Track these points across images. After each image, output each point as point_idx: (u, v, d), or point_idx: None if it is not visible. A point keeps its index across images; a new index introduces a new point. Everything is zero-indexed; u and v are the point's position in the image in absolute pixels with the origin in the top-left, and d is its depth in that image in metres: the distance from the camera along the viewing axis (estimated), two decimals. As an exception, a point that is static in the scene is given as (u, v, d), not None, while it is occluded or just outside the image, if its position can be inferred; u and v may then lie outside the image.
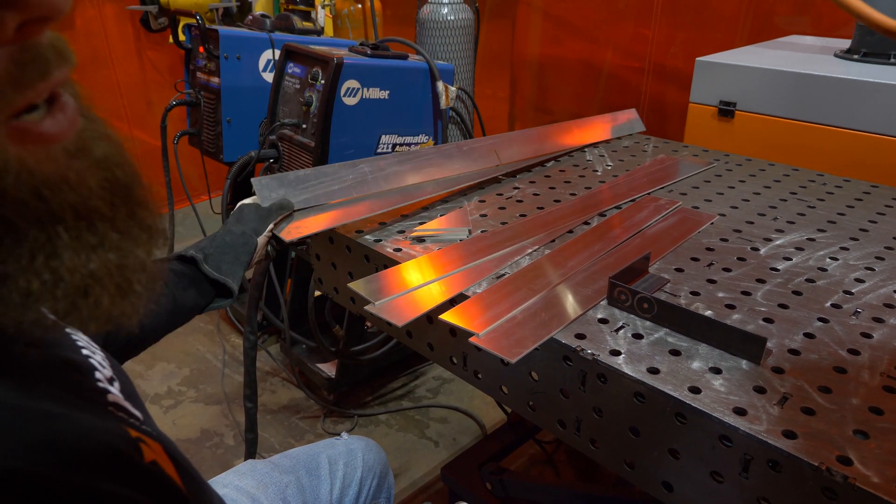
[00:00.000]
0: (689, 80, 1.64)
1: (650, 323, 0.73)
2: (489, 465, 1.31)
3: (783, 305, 0.77)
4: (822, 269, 0.86)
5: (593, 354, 0.67)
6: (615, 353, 0.68)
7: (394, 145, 1.69)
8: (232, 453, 1.82)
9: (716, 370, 0.65)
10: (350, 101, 1.56)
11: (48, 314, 0.36)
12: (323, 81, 1.53)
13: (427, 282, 0.81)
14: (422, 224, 1.00)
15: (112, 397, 0.46)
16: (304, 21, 2.24)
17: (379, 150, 1.66)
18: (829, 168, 1.26)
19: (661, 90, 2.51)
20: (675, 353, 0.68)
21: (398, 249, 0.92)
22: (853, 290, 0.81)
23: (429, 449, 1.83)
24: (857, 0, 0.57)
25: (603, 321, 0.74)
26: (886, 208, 1.07)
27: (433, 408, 1.98)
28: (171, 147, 1.98)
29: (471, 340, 0.69)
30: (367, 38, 2.31)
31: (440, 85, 1.67)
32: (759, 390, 0.62)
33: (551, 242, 0.94)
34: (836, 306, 0.77)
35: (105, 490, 0.35)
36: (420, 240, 0.95)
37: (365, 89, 1.57)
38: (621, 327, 0.72)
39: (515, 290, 0.79)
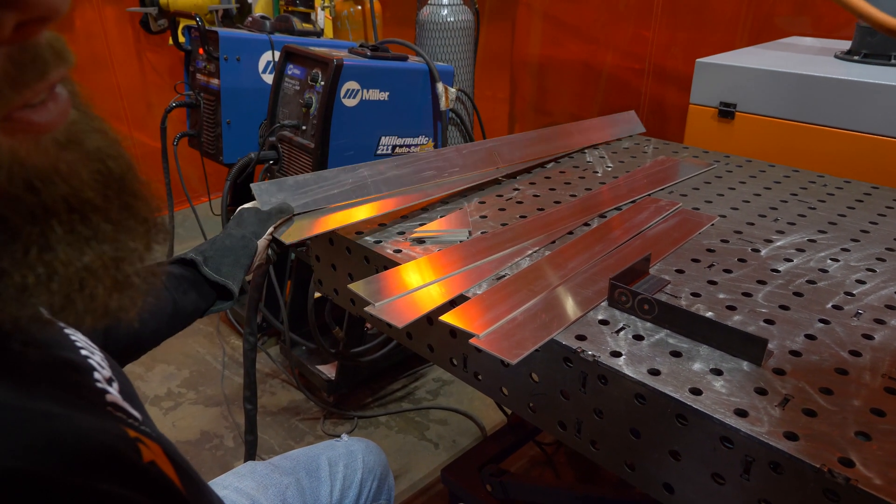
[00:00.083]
0: (689, 82, 1.64)
1: (651, 324, 0.73)
2: (489, 466, 1.30)
3: (784, 307, 0.77)
4: (823, 271, 0.86)
5: (594, 356, 0.67)
6: (616, 354, 0.67)
7: (394, 147, 1.69)
8: (232, 455, 1.82)
9: (717, 371, 0.65)
10: (350, 102, 1.56)
11: (44, 311, 0.35)
12: (323, 83, 1.53)
13: (427, 283, 0.81)
14: (422, 225, 1.00)
15: (111, 397, 0.46)
16: (304, 23, 2.24)
17: (379, 152, 1.66)
18: (830, 169, 1.26)
19: (661, 91, 2.51)
20: (676, 354, 0.68)
21: (398, 251, 0.92)
22: (854, 292, 0.81)
23: (429, 451, 1.82)
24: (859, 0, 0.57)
25: (603, 322, 0.74)
26: (887, 209, 1.07)
27: (433, 409, 1.98)
28: (170, 149, 1.98)
29: (471, 342, 0.69)
30: (367, 40, 2.30)
31: (440, 86, 1.67)
32: (761, 392, 0.62)
33: (551, 244, 0.93)
34: (838, 307, 0.77)
35: (104, 490, 0.35)
36: (420, 241, 0.95)
37: (365, 91, 1.57)
38: (622, 328, 0.72)
39: (516, 292, 0.78)
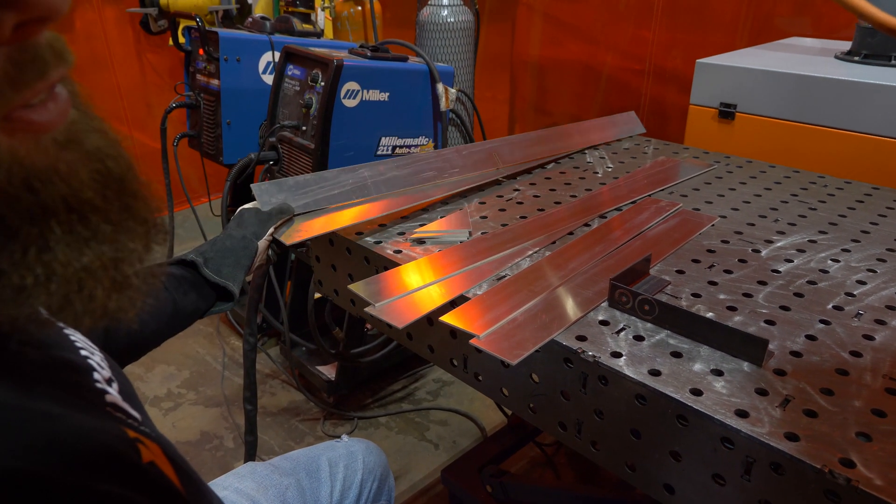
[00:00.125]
0: (690, 82, 1.64)
1: (651, 325, 0.73)
2: (489, 467, 1.30)
3: (785, 307, 0.77)
4: (824, 271, 0.86)
5: (594, 356, 0.67)
6: (616, 354, 0.67)
7: (394, 147, 1.69)
8: (231, 456, 1.81)
9: (717, 372, 0.65)
10: (350, 102, 1.56)
11: (42, 311, 0.35)
12: (323, 83, 1.53)
13: (427, 284, 0.81)
14: (422, 226, 1.00)
15: (110, 398, 0.46)
16: (304, 23, 2.24)
17: (379, 152, 1.66)
18: (830, 170, 1.26)
19: (662, 92, 2.51)
20: (677, 355, 0.68)
21: (398, 251, 0.92)
22: (855, 292, 0.81)
23: (429, 451, 1.82)
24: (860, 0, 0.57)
25: (604, 323, 0.73)
26: (888, 210, 1.07)
27: (433, 410, 1.98)
28: (170, 149, 1.98)
29: (471, 342, 0.69)
30: (367, 41, 2.31)
31: (440, 87, 1.67)
32: (761, 392, 0.62)
33: (552, 244, 0.93)
34: (838, 308, 0.77)
35: (103, 490, 0.35)
36: (420, 241, 0.95)
37: (365, 91, 1.57)
38: (622, 329, 0.72)
39: (516, 292, 0.78)
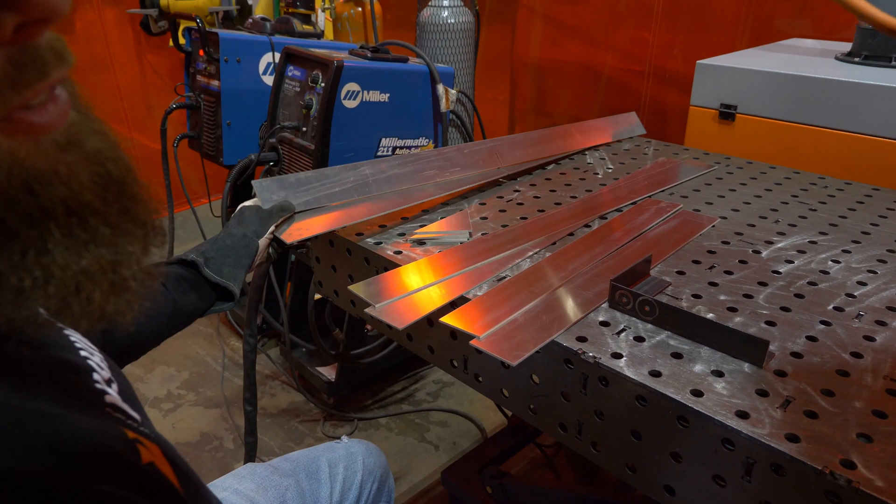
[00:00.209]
0: (690, 84, 1.64)
1: (652, 326, 0.73)
2: (489, 468, 1.30)
3: (785, 308, 0.77)
4: (824, 272, 0.86)
5: (595, 357, 0.67)
6: (616, 355, 0.67)
7: (394, 148, 1.69)
8: (231, 457, 1.81)
9: (718, 373, 0.65)
10: (350, 103, 1.56)
11: (41, 312, 0.35)
12: (323, 84, 1.53)
13: (427, 284, 0.81)
14: (422, 227, 1.00)
15: (110, 398, 0.45)
16: (304, 24, 2.25)
17: (379, 153, 1.66)
18: (831, 171, 1.26)
19: (662, 93, 2.51)
20: (677, 355, 0.68)
21: (399, 252, 0.92)
22: (855, 293, 0.81)
23: (429, 453, 1.82)
24: (860, 0, 0.57)
25: (604, 324, 0.73)
26: (888, 211, 1.07)
27: (433, 411, 1.97)
28: (170, 150, 1.98)
29: (471, 343, 0.69)
30: (368, 42, 2.31)
31: (440, 88, 1.67)
32: (762, 393, 0.62)
33: (552, 245, 0.93)
34: (839, 309, 0.77)
35: (103, 491, 0.35)
36: (420, 242, 0.94)
37: (365, 92, 1.57)
38: (623, 330, 0.72)
39: (516, 293, 0.78)
